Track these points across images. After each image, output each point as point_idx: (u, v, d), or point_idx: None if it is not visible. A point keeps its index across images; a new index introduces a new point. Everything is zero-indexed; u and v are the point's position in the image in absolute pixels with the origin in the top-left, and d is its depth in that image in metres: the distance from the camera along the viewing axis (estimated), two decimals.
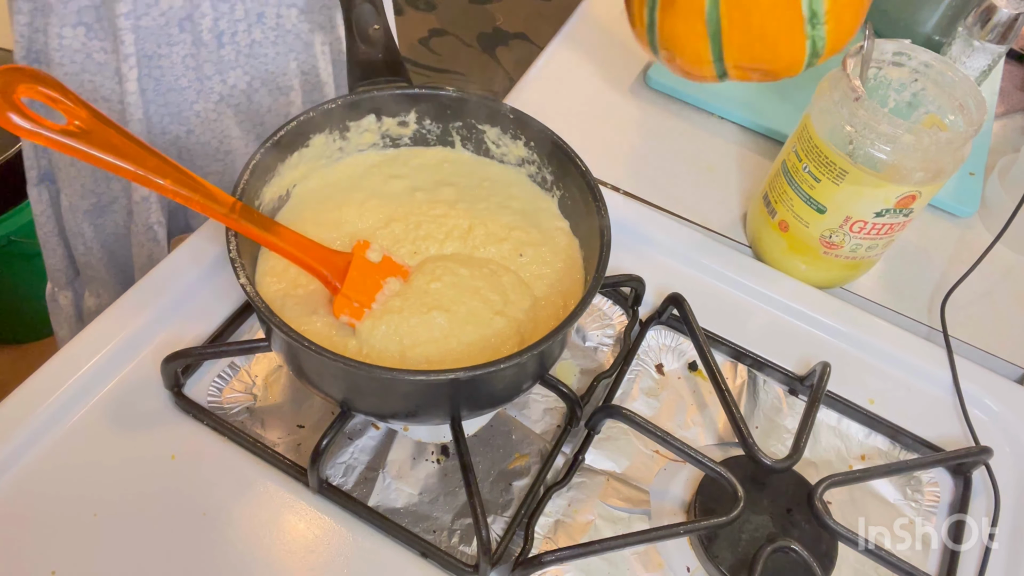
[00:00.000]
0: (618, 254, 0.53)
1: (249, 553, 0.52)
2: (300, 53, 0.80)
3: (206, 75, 0.75)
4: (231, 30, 0.74)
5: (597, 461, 0.59)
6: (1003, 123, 0.97)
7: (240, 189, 0.52)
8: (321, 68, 0.82)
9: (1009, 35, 0.75)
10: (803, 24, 0.57)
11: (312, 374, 0.52)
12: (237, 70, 0.77)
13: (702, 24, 0.58)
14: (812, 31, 0.57)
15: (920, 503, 0.61)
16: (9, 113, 0.41)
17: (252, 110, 0.81)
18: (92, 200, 0.82)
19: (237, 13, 0.73)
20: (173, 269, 0.64)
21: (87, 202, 0.82)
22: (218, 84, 0.77)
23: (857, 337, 0.69)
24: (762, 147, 0.87)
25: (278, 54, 0.78)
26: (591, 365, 0.65)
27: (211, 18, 0.71)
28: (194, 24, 0.71)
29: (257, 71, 0.78)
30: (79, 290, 0.95)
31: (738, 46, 0.59)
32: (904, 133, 0.59)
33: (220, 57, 0.75)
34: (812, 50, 0.59)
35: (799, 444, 0.57)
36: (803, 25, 0.57)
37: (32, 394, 0.56)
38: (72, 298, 0.95)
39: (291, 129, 0.56)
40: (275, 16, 0.75)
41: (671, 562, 0.55)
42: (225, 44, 0.74)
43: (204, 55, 0.74)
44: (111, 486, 0.54)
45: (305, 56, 0.81)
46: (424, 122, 0.63)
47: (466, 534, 0.55)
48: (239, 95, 0.79)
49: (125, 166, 0.45)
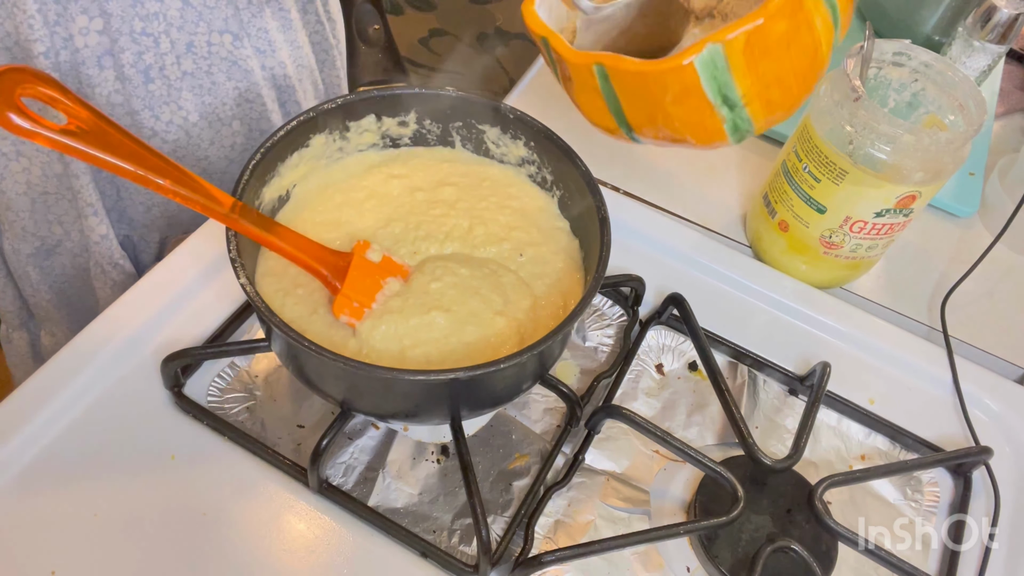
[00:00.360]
0: (618, 254, 0.53)
1: (249, 553, 0.52)
2: (240, 81, 0.74)
3: (135, 111, 0.70)
4: (158, 64, 0.69)
5: (597, 461, 0.59)
6: (1003, 123, 0.97)
7: (240, 189, 0.52)
8: (265, 95, 0.77)
9: (1009, 35, 0.75)
10: (712, 109, 0.48)
11: (312, 374, 0.52)
12: (171, 105, 0.72)
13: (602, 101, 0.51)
14: (730, 114, 0.48)
15: (920, 503, 0.61)
16: (9, 113, 0.41)
17: (192, 144, 0.76)
18: (35, 244, 0.78)
19: (163, 46, 0.68)
20: (173, 269, 0.64)
21: (29, 245, 0.78)
22: (149, 120, 0.72)
23: (857, 337, 0.69)
24: (762, 147, 0.87)
25: (214, 84, 0.73)
26: (591, 365, 0.65)
27: (132, 52, 0.67)
28: (115, 59, 0.67)
29: (193, 104, 0.73)
30: (34, 330, 0.90)
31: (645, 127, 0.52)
32: (904, 133, 0.59)
33: (149, 92, 0.70)
34: (735, 129, 0.49)
35: (799, 444, 0.57)
36: (714, 110, 0.48)
37: (32, 394, 0.56)
38: (28, 338, 0.91)
39: (291, 129, 0.56)
40: (206, 44, 0.70)
41: (671, 562, 0.55)
42: (153, 79, 0.69)
43: (131, 91, 0.69)
44: (111, 486, 0.54)
45: (246, 84, 0.75)
46: (424, 122, 0.63)
47: (466, 534, 0.55)
48: (175, 130, 0.74)
49: (125, 166, 0.45)
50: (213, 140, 0.77)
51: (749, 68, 0.46)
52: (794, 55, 0.47)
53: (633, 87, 0.48)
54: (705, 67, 0.45)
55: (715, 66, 0.45)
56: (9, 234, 0.78)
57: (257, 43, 0.74)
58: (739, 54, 0.45)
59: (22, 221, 0.76)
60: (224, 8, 0.70)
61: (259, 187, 0.55)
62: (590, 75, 0.49)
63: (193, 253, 0.65)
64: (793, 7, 0.45)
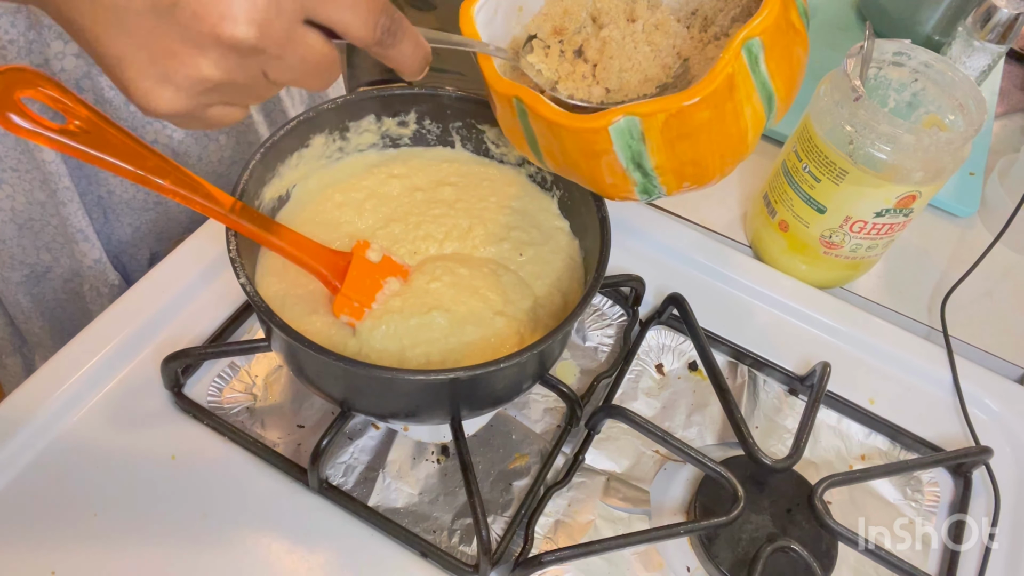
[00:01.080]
0: (618, 254, 0.53)
1: (249, 553, 0.52)
2: None
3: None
4: None
5: (597, 461, 0.59)
6: (1003, 123, 0.97)
7: (240, 189, 0.52)
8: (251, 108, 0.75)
9: (1009, 35, 0.75)
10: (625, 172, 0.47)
11: (312, 374, 0.52)
12: (154, 124, 0.71)
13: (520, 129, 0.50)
14: (641, 179, 0.47)
15: (920, 503, 0.61)
16: (9, 113, 0.41)
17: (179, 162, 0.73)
18: (24, 271, 0.78)
19: None
20: (173, 269, 0.64)
21: (19, 273, 0.78)
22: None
23: (857, 337, 0.69)
24: (762, 147, 0.87)
25: None
26: (591, 365, 0.65)
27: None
28: (94, 82, 0.66)
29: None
30: (28, 355, 0.90)
31: (557, 166, 0.51)
32: (904, 133, 0.59)
33: (131, 113, 0.69)
34: (645, 192, 0.49)
35: (799, 444, 0.57)
36: (626, 172, 0.47)
37: (32, 394, 0.56)
38: (22, 363, 0.90)
39: (291, 129, 0.56)
40: None
41: (671, 562, 0.55)
42: None
43: (111, 113, 0.68)
44: (111, 486, 0.54)
45: None
46: (424, 122, 0.63)
47: (466, 534, 0.55)
48: (162, 149, 0.73)
49: (125, 166, 0.45)
50: (200, 156, 0.77)
51: (665, 145, 0.45)
52: (715, 140, 0.46)
53: (548, 132, 0.48)
54: (620, 135, 0.45)
55: (631, 136, 0.45)
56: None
57: None
58: (656, 131, 0.44)
59: (9, 249, 0.75)
60: None
61: (259, 187, 0.55)
62: (510, 105, 0.49)
63: (193, 253, 0.65)
64: (721, 98, 0.43)
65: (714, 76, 0.43)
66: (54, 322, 0.84)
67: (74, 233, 0.73)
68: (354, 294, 0.53)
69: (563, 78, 0.52)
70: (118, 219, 0.77)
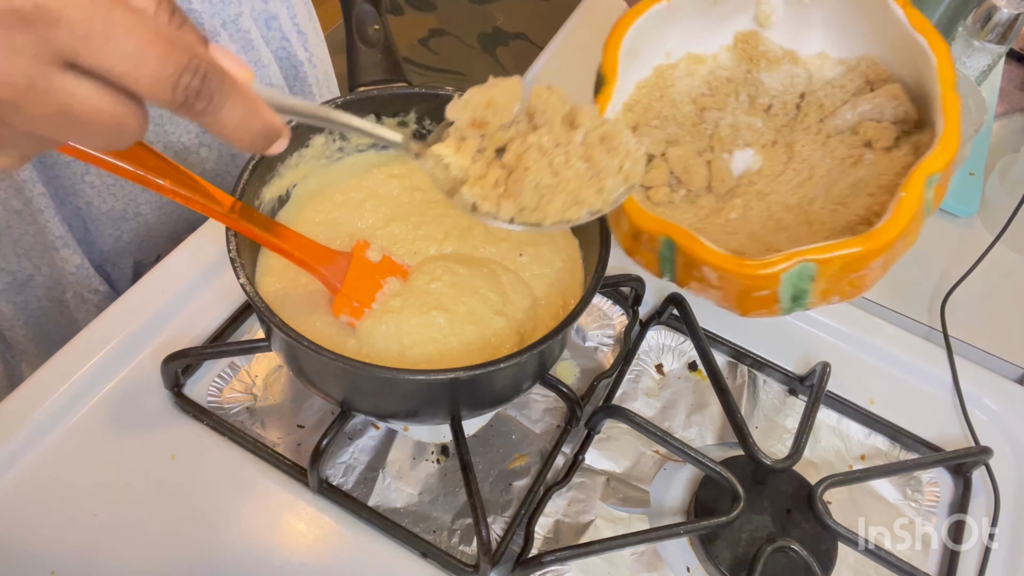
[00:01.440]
0: (618, 254, 0.53)
1: (249, 553, 0.52)
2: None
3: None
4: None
5: (597, 461, 0.59)
6: (1003, 123, 0.97)
7: (240, 189, 0.52)
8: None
9: (1009, 35, 0.75)
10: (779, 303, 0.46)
11: (312, 374, 0.52)
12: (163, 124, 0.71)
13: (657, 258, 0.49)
14: (791, 306, 0.47)
15: (920, 503, 0.61)
16: None
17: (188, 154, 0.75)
18: (6, 279, 0.76)
19: None
20: (173, 269, 0.64)
21: (0, 281, 0.76)
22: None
23: (857, 337, 0.69)
24: None
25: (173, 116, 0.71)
26: (591, 365, 0.65)
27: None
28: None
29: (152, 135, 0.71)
30: (12, 361, 0.88)
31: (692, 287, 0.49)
32: None
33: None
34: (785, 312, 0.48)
35: (799, 444, 0.57)
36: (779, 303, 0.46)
37: (32, 394, 0.56)
38: (4, 368, 0.88)
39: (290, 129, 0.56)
40: None
41: (671, 562, 0.55)
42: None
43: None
44: (111, 486, 0.54)
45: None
46: (424, 122, 0.63)
47: (466, 534, 0.55)
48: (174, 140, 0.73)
49: (125, 166, 0.45)
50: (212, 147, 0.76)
51: (833, 281, 0.44)
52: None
53: (705, 269, 0.46)
54: (790, 279, 0.43)
55: (799, 278, 0.43)
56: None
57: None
58: (830, 274, 0.43)
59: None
60: None
61: (259, 187, 0.55)
62: (655, 242, 0.47)
63: (193, 253, 0.65)
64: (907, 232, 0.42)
65: (898, 219, 0.41)
66: (38, 330, 0.83)
67: (53, 240, 0.72)
68: (354, 294, 0.53)
69: (471, 180, 0.44)
70: (98, 229, 0.76)
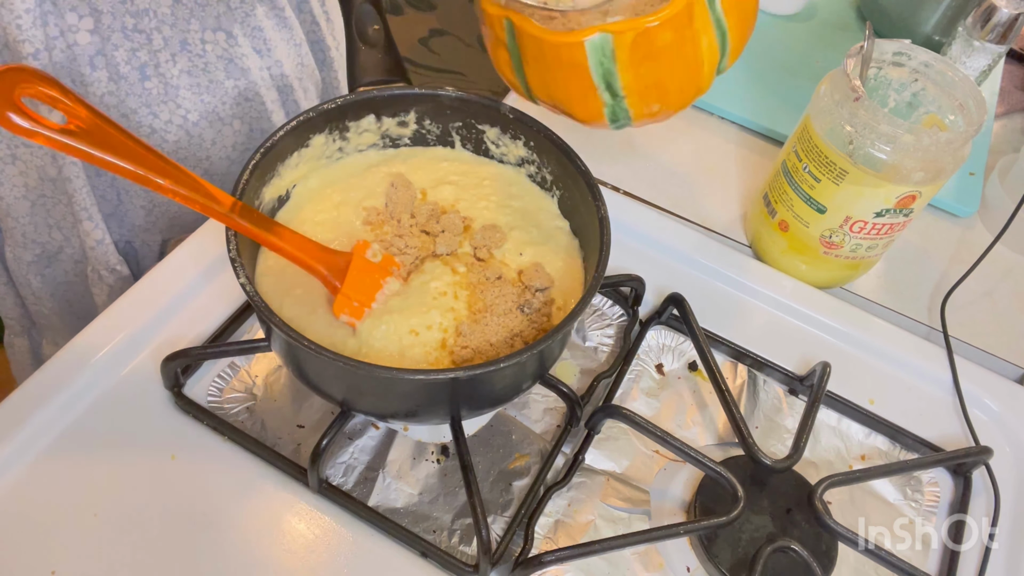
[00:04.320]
0: (618, 254, 0.53)
1: (249, 553, 0.52)
2: (238, 80, 0.74)
3: (132, 110, 0.69)
4: (152, 61, 0.68)
5: (597, 461, 0.59)
6: (1003, 123, 0.97)
7: (240, 189, 0.52)
8: (264, 94, 0.76)
9: (1009, 35, 0.75)
10: (596, 91, 0.51)
11: (312, 374, 0.52)
12: (168, 103, 0.71)
13: (507, 55, 0.53)
14: (611, 100, 0.51)
15: (920, 503, 0.61)
16: (9, 113, 0.41)
17: (193, 144, 0.75)
18: (36, 251, 0.78)
19: (155, 43, 0.67)
20: (173, 269, 0.64)
21: (30, 253, 0.78)
22: (148, 119, 0.71)
23: (857, 337, 0.69)
24: (762, 147, 0.87)
25: (212, 83, 0.72)
26: (591, 365, 0.65)
27: (126, 49, 0.66)
28: (107, 59, 0.66)
29: (192, 103, 0.72)
30: (36, 337, 0.90)
31: (538, 90, 0.54)
32: (904, 133, 0.59)
33: (146, 91, 0.69)
34: (613, 117, 0.52)
35: (799, 444, 0.57)
36: (596, 92, 0.51)
37: (33, 394, 0.56)
38: (29, 345, 0.90)
39: (291, 129, 0.56)
40: (200, 43, 0.69)
41: (671, 562, 0.55)
42: (149, 76, 0.68)
43: (125, 90, 0.68)
44: (111, 486, 0.54)
45: (245, 83, 0.74)
46: (424, 122, 0.63)
47: (466, 534, 0.55)
48: (175, 130, 0.73)
49: (125, 166, 0.45)
50: (215, 140, 0.76)
51: (632, 63, 0.49)
52: (676, 65, 0.50)
53: (532, 50, 0.52)
54: (594, 50, 0.49)
55: (603, 53, 0.49)
56: (10, 241, 0.78)
57: (253, 42, 0.74)
58: (625, 48, 0.48)
59: (22, 227, 0.76)
60: (216, 5, 0.69)
61: (259, 187, 0.55)
62: (501, 28, 0.53)
63: (193, 253, 0.65)
64: (681, 23, 0.48)
65: (676, 2, 0.47)
66: (64, 305, 0.84)
67: (79, 211, 0.73)
68: (354, 294, 0.53)
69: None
70: (131, 201, 0.77)
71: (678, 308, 0.65)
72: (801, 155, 0.67)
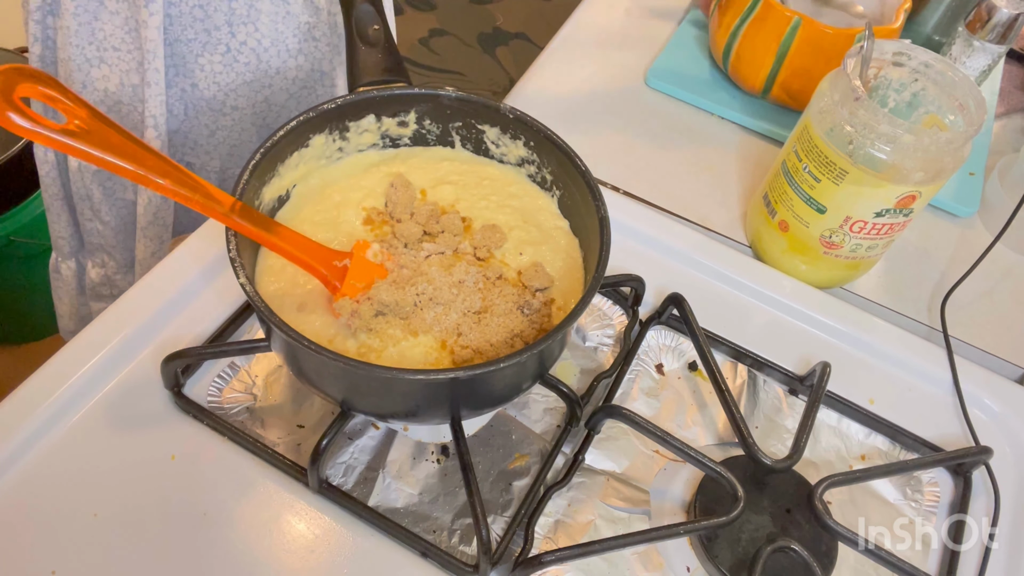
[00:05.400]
0: (618, 254, 0.53)
1: (249, 553, 0.52)
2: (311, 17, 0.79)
3: (215, 26, 0.73)
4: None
5: (597, 461, 0.59)
6: (1003, 123, 0.97)
7: (240, 189, 0.52)
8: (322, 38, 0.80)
9: (1009, 35, 0.75)
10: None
11: (312, 374, 0.52)
12: (248, 25, 0.74)
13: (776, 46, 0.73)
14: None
15: (920, 503, 0.61)
16: (9, 112, 0.41)
17: (260, 70, 0.79)
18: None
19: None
20: (173, 269, 0.64)
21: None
22: (226, 37, 0.74)
23: (857, 337, 0.69)
24: (762, 147, 0.87)
25: (288, 14, 0.76)
26: (591, 365, 0.65)
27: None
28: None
29: (266, 29, 0.76)
30: (82, 261, 0.92)
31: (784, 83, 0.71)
32: (904, 133, 0.59)
33: (231, 8, 0.72)
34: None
35: (799, 444, 0.57)
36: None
37: (32, 394, 0.56)
38: (75, 269, 0.93)
39: (291, 129, 0.56)
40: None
41: (671, 562, 0.55)
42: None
43: (214, 5, 0.71)
44: (111, 486, 0.54)
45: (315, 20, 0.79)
46: (424, 122, 0.63)
47: (466, 534, 0.55)
48: (248, 52, 0.77)
49: (125, 166, 0.45)
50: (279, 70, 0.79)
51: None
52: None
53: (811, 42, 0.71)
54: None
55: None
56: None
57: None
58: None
59: None
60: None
61: (259, 187, 0.55)
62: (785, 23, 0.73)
63: (193, 253, 0.65)
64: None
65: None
66: (119, 221, 0.86)
67: (147, 118, 0.75)
68: (354, 294, 0.53)
69: None
70: (196, 118, 0.80)
71: (678, 308, 0.65)
72: (801, 155, 0.67)
